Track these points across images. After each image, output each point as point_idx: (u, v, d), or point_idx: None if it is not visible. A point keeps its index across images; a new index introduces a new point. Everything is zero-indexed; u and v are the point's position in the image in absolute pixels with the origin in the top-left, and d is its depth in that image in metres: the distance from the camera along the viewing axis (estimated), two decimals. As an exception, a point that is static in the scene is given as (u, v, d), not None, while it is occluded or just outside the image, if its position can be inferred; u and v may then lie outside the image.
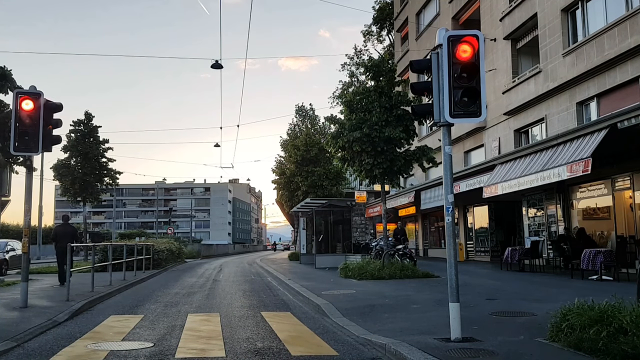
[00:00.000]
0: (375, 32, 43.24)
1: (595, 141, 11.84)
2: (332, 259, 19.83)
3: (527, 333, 5.99)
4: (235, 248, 68.14)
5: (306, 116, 39.88)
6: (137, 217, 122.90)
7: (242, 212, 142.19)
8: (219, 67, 23.30)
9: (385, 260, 14.53)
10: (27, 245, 8.68)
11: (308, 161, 28.72)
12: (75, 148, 28.00)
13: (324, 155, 29.45)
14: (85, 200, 28.36)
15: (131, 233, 61.83)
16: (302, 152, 28.69)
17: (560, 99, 17.05)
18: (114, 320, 8.20)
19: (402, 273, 13.88)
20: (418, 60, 6.63)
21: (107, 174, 28.87)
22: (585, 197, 15.99)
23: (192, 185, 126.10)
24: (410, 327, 6.71)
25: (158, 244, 22.22)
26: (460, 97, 5.63)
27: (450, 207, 5.81)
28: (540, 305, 8.28)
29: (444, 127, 5.86)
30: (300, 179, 28.27)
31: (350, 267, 14.77)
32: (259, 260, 32.95)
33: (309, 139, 29.73)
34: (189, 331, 7.13)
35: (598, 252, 12.32)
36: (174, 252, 25.91)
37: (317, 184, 27.70)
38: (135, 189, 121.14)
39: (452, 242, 5.80)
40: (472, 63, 5.64)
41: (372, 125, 14.13)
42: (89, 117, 28.69)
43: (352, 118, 14.69)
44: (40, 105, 8.52)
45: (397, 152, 14.76)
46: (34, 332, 6.87)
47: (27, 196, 8.72)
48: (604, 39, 14.96)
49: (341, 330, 7.04)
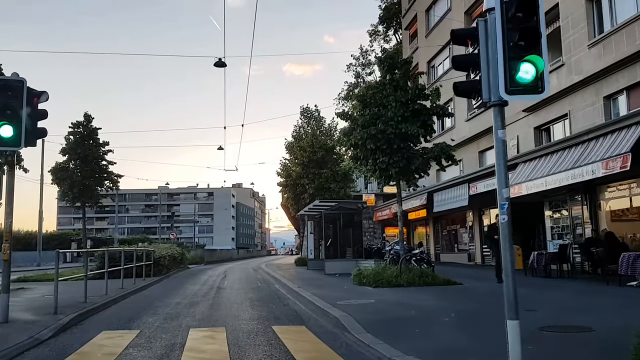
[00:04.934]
0: (382, 32, 42.38)
1: (634, 135, 10.82)
2: (343, 264, 18.80)
3: (604, 357, 4.95)
4: (239, 253, 67.08)
5: (311, 117, 38.89)
6: (140, 222, 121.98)
7: (246, 216, 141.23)
8: (222, 65, 22.44)
9: (402, 265, 13.49)
10: (7, 252, 7.70)
11: (314, 163, 27.71)
12: (74, 151, 27.10)
13: (331, 156, 28.45)
14: (84, 204, 27.44)
15: (133, 239, 60.99)
16: (309, 154, 27.69)
17: (586, 93, 16.02)
18: (105, 337, 7.19)
19: (421, 280, 12.85)
20: (460, 29, 5.62)
21: (108, 177, 27.94)
22: (615, 197, 14.93)
23: (195, 190, 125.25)
24: (450, 347, 5.69)
25: (159, 249, 21.23)
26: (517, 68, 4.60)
27: (505, 204, 4.77)
28: (590, 317, 7.25)
29: (496, 107, 4.84)
30: (307, 181, 27.26)
31: (364, 273, 13.74)
32: (264, 265, 31.93)
33: (315, 140, 28.72)
34: (191, 352, 6.12)
35: (638, 256, 11.25)
36: (176, 258, 24.93)
37: (324, 187, 26.68)
38: (138, 194, 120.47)
39: (508, 247, 4.76)
40: (532, 27, 4.63)
41: (388, 121, 13.13)
42: (88, 118, 27.78)
43: (365, 114, 13.69)
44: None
45: (414, 149, 13.76)
46: (9, 354, 5.88)
47: (7, 197, 7.76)
48: (634, 27, 13.94)
49: (368, 350, 6.02)
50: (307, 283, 15.07)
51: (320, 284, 14.86)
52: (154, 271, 19.30)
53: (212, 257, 46.47)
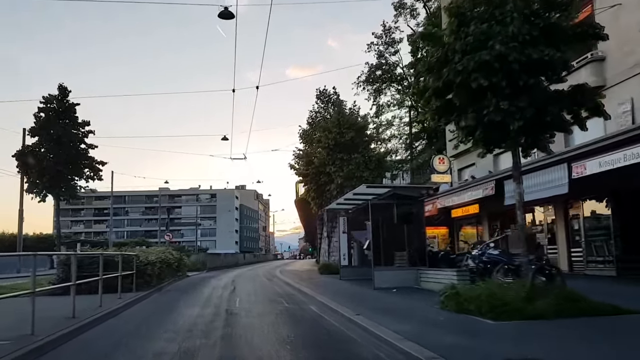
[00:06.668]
0: (409, 5, 37.12)
1: None
2: (400, 275, 13.55)
3: None
4: (245, 258, 61.58)
5: (329, 102, 33.70)
6: (140, 225, 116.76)
7: (250, 219, 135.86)
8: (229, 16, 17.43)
9: (531, 281, 8.24)
10: None
11: (342, 147, 22.47)
12: (46, 131, 22.00)
13: (362, 139, 23.22)
14: (58, 197, 22.25)
15: (131, 242, 55.38)
16: (335, 135, 22.45)
17: None
18: None
19: (572, 307, 7.60)
20: None
21: (88, 164, 22.81)
22: None
23: (198, 192, 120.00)
24: None
25: (146, 254, 15.91)
26: None
27: None
28: None
29: None
30: (334, 168, 22.02)
31: (466, 294, 8.48)
32: (279, 272, 26.68)
33: (342, 118, 23.48)
34: None
35: None
36: (171, 265, 19.71)
37: (354, 175, 21.44)
38: (139, 196, 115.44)
39: None
40: None
41: (508, 42, 7.91)
42: (63, 92, 22.63)
43: (465, 32, 8.41)
44: None
45: (549, 90, 8.54)
46: None
47: None
48: None
49: None
50: (361, 305, 9.83)
51: (384, 307, 9.64)
52: (138, 283, 14.11)
53: (216, 263, 41.14)
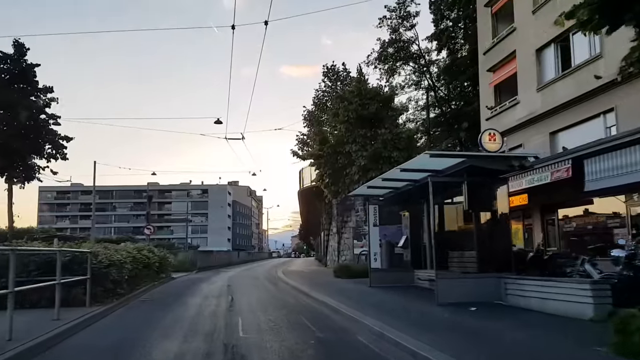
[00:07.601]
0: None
1: None
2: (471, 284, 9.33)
3: None
4: (240, 256, 57.00)
5: (338, 79, 29.49)
6: (128, 221, 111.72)
7: (243, 216, 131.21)
8: None
9: None
10: None
11: (365, 121, 18.23)
12: (-6, 96, 17.53)
13: (387, 112, 18.98)
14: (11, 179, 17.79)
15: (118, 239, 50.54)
16: (356, 107, 18.19)
17: None
18: None
19: None
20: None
21: (50, 139, 18.36)
22: None
23: (189, 187, 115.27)
24: None
25: (111, 252, 11.30)
26: None
27: None
28: None
29: None
30: (355, 147, 17.76)
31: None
32: (281, 274, 22.43)
33: (363, 87, 19.23)
34: None
35: None
36: (150, 266, 15.39)
37: (381, 155, 17.21)
38: (127, 191, 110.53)
39: None
40: None
41: None
42: (20, 49, 18.11)
43: None
44: None
45: None
46: None
47: None
48: None
49: None
50: (454, 341, 5.62)
51: (499, 348, 5.44)
52: (97, 293, 9.80)
53: (207, 262, 36.73)
